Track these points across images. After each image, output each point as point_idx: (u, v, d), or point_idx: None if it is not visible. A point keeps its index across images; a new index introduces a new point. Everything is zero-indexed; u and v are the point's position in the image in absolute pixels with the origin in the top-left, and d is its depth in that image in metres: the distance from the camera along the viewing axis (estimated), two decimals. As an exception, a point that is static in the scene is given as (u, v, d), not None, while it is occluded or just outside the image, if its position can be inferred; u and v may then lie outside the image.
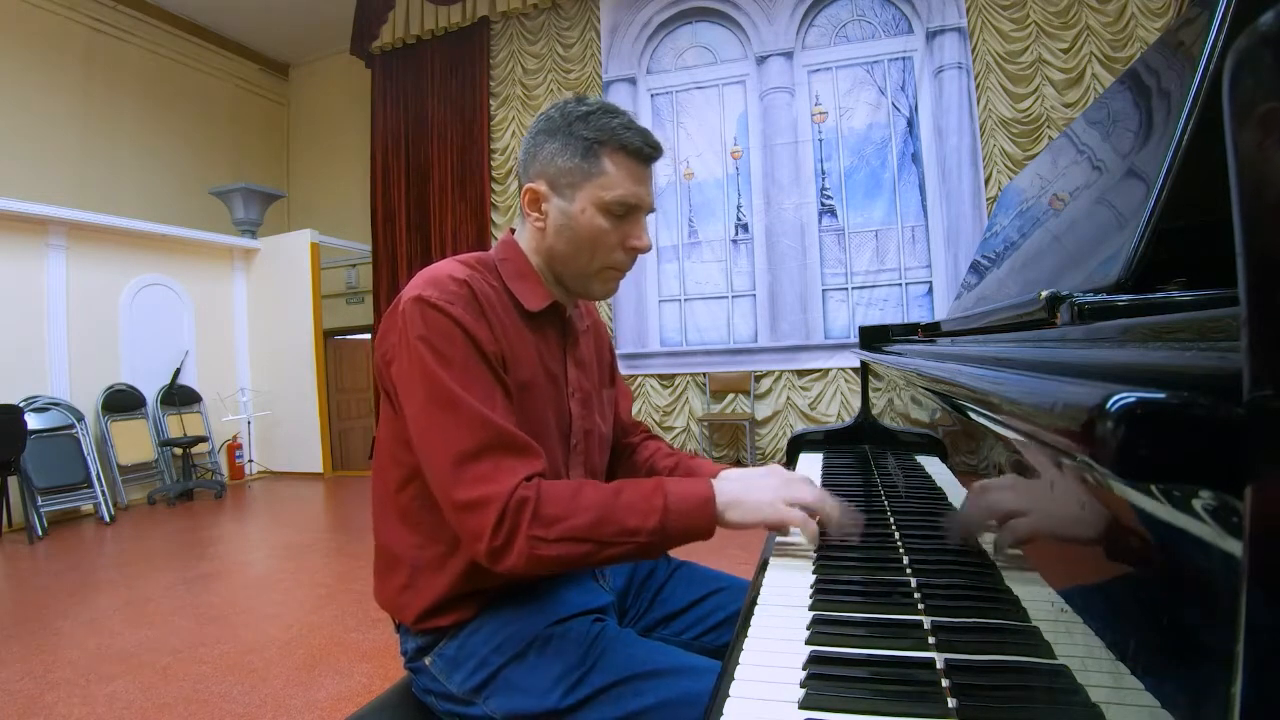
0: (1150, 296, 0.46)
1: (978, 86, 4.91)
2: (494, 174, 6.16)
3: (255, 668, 2.17)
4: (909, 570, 0.75)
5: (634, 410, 5.78)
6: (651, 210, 0.90)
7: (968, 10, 4.94)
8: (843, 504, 0.82)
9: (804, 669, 0.55)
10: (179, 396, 5.64)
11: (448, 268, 0.84)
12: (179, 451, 5.39)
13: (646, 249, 0.89)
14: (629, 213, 0.86)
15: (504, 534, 0.73)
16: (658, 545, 0.77)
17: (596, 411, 0.99)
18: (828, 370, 5.19)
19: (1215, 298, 0.40)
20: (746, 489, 0.80)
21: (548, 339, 0.92)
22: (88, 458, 4.74)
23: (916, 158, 5.08)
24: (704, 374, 5.51)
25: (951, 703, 0.48)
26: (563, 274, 0.91)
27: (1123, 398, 0.24)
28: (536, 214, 0.88)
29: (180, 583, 3.14)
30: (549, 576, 0.87)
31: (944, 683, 0.51)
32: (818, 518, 0.81)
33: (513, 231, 0.95)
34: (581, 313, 1.01)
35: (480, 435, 0.75)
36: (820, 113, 5.33)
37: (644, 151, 0.86)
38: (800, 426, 4.10)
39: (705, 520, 0.77)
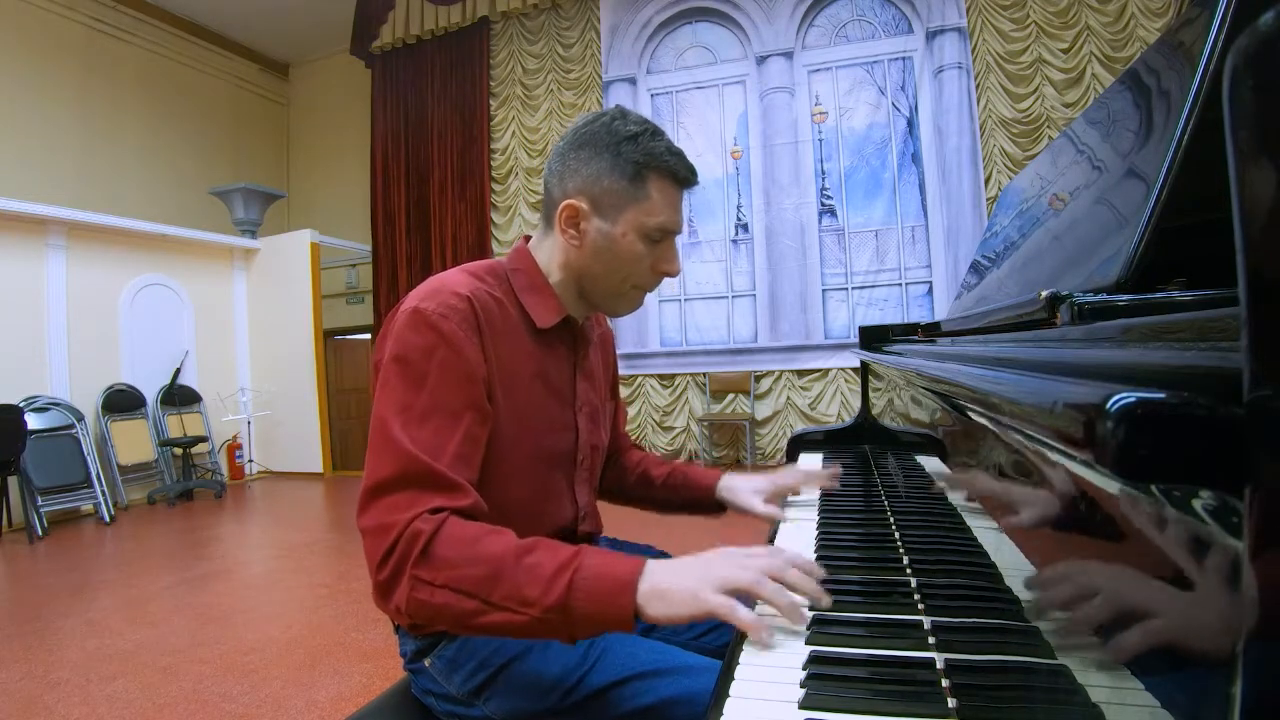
0: (1150, 296, 0.46)
1: (978, 86, 4.91)
2: (494, 174, 6.17)
3: (255, 668, 2.17)
4: (909, 570, 0.75)
5: (634, 410, 5.81)
6: (680, 233, 0.90)
7: (968, 10, 4.95)
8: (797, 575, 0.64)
9: (804, 669, 0.55)
10: (179, 396, 5.64)
11: (453, 280, 0.82)
12: (179, 451, 5.39)
13: (676, 274, 0.89)
14: (664, 237, 0.87)
15: (390, 568, 0.67)
16: (560, 627, 0.64)
17: (601, 426, 0.99)
18: (828, 370, 5.20)
19: (1215, 298, 0.40)
20: (677, 576, 0.64)
21: (556, 353, 0.90)
22: (88, 458, 4.74)
23: (916, 158, 5.08)
24: (704, 374, 5.51)
25: (951, 703, 0.48)
26: (590, 291, 0.90)
27: (1123, 398, 0.24)
28: (574, 232, 0.85)
29: (180, 583, 3.14)
30: None
31: (944, 683, 0.51)
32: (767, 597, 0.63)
33: (527, 239, 0.93)
34: (592, 323, 1.00)
35: (404, 467, 0.70)
36: (820, 113, 5.33)
37: (688, 181, 0.86)
38: (800, 426, 4.09)
39: (619, 608, 0.62)
